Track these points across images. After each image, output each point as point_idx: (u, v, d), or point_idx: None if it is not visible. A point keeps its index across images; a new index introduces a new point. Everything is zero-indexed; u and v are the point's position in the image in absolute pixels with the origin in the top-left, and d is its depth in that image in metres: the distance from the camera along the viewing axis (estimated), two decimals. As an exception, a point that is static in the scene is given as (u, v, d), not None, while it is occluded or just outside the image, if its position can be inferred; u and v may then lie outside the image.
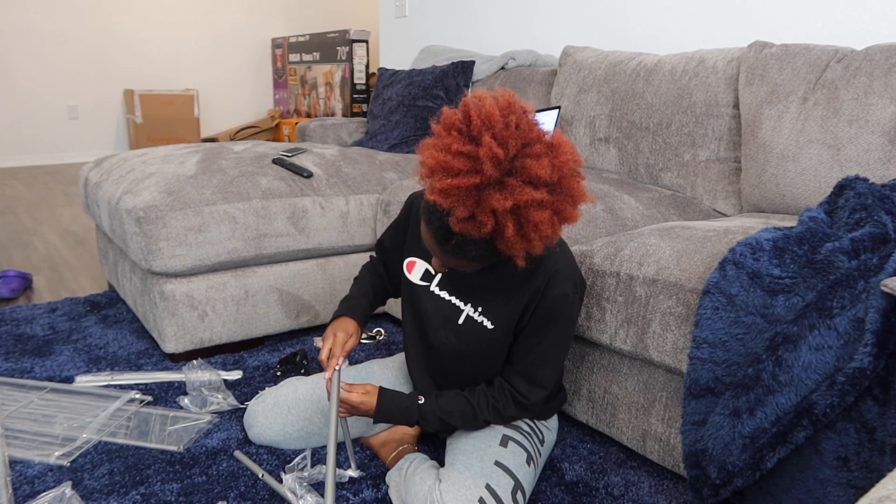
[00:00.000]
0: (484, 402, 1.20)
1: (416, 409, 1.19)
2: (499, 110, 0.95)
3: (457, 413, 1.19)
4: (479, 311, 1.20)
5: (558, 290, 1.13)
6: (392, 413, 1.19)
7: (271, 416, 1.37)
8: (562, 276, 1.14)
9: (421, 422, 1.20)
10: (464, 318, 1.22)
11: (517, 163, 0.93)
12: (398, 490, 1.21)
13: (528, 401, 1.20)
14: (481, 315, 1.20)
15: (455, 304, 1.23)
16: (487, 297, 1.19)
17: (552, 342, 1.17)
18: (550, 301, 1.14)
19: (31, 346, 1.90)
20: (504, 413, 1.20)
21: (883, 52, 1.54)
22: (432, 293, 1.25)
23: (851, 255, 1.07)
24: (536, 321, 1.16)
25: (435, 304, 1.25)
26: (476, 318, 1.20)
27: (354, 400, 1.18)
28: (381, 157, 2.26)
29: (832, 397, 0.92)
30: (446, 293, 1.24)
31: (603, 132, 2.06)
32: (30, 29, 5.38)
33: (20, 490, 1.26)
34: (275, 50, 6.36)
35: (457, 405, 1.19)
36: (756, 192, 1.71)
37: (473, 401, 1.20)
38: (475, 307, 1.21)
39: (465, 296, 1.22)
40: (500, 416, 1.21)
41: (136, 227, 1.70)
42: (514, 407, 1.21)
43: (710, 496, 1.06)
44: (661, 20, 2.33)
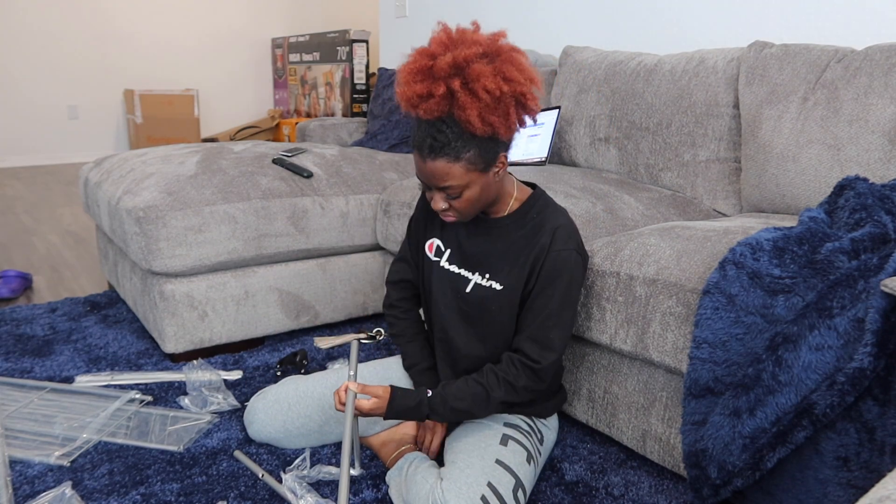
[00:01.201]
0: (494, 380, 1.19)
1: (425, 403, 1.20)
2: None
3: (468, 398, 1.19)
4: (486, 277, 1.24)
5: (561, 245, 1.18)
6: (403, 411, 1.20)
7: (272, 413, 1.38)
8: (564, 231, 1.19)
9: (432, 414, 1.20)
10: (471, 286, 1.26)
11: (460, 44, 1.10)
12: (398, 490, 1.21)
13: (539, 365, 1.19)
14: (489, 280, 1.24)
15: (463, 275, 1.27)
16: (494, 263, 1.24)
17: (559, 302, 1.19)
18: (554, 258, 1.17)
19: (31, 346, 1.90)
20: (516, 384, 1.19)
21: (883, 52, 1.54)
22: (441, 268, 1.30)
23: (851, 255, 1.07)
24: (543, 281, 1.19)
25: (444, 277, 1.29)
26: (483, 283, 1.24)
27: (366, 407, 1.19)
28: (381, 157, 2.26)
29: (832, 397, 0.92)
30: (455, 266, 1.28)
31: (603, 132, 2.06)
32: (30, 29, 5.38)
33: (20, 490, 1.26)
34: (275, 50, 6.36)
35: (467, 390, 1.19)
36: (756, 192, 1.71)
37: (483, 380, 1.20)
38: (482, 274, 1.25)
39: (473, 266, 1.26)
40: (513, 389, 1.19)
41: (136, 227, 1.70)
42: (526, 376, 1.19)
43: (710, 496, 1.06)
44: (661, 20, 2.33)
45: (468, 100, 1.07)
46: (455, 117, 1.09)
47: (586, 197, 1.66)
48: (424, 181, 1.15)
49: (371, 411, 1.19)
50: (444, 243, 1.31)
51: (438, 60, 1.09)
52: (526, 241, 1.21)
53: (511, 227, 1.23)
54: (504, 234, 1.24)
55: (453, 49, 1.09)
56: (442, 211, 1.18)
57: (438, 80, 1.08)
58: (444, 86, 1.07)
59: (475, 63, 1.07)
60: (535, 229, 1.21)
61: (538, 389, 1.22)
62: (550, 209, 1.24)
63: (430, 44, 1.13)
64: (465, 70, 1.08)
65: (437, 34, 1.13)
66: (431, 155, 1.10)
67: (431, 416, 1.20)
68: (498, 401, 1.20)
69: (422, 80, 1.10)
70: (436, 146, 1.10)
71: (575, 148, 2.16)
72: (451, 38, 1.11)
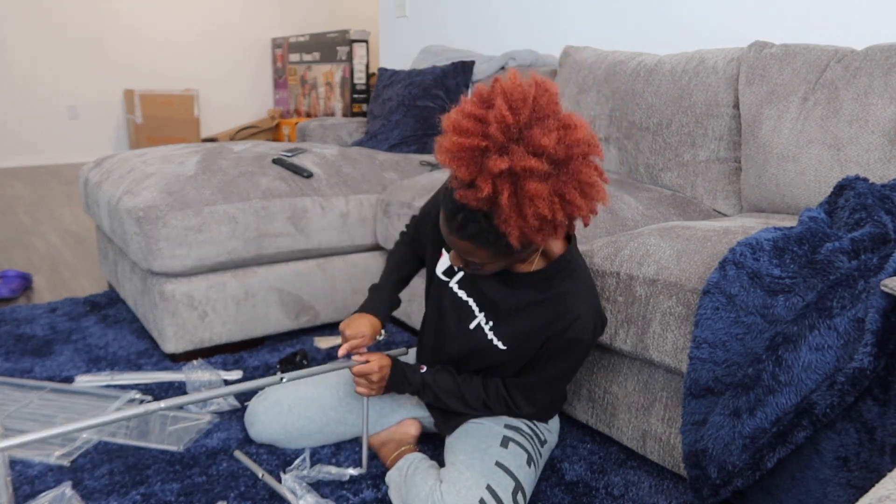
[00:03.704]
0: (474, 396, 1.25)
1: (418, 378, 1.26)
2: (522, 82, 0.95)
3: (450, 394, 1.25)
4: (490, 325, 1.21)
5: (577, 335, 1.13)
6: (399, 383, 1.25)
7: (272, 415, 1.38)
8: (582, 322, 1.12)
9: (420, 392, 1.26)
10: (475, 324, 1.23)
11: (525, 132, 0.92)
12: (398, 490, 1.21)
13: (520, 411, 1.25)
14: (491, 331, 1.21)
15: (470, 307, 1.24)
16: (502, 314, 1.20)
17: (556, 374, 1.20)
18: (566, 342, 1.14)
19: (31, 346, 1.90)
20: (493, 410, 1.26)
21: (883, 52, 1.54)
22: (451, 290, 1.27)
23: (851, 255, 1.07)
24: (547, 353, 1.17)
25: (452, 301, 1.27)
26: (486, 330, 1.22)
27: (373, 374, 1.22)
28: (381, 157, 2.26)
29: (832, 397, 0.92)
30: (464, 293, 1.25)
31: (603, 132, 2.06)
32: (30, 29, 5.38)
33: (20, 490, 1.26)
34: (275, 50, 6.36)
35: (451, 387, 1.25)
36: (756, 192, 1.71)
37: (466, 391, 1.25)
38: (487, 318, 1.22)
39: (481, 304, 1.23)
40: (489, 411, 1.26)
41: (136, 227, 1.70)
42: (504, 410, 1.26)
43: (710, 496, 1.06)
44: (661, 20, 2.33)
45: (512, 216, 0.92)
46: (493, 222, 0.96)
47: (586, 197, 1.66)
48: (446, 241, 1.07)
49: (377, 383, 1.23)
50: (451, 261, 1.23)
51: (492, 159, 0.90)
52: (540, 315, 1.15)
53: (531, 287, 1.16)
54: (521, 290, 1.17)
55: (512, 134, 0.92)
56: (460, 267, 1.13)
57: (487, 175, 0.91)
58: (491, 187, 0.91)
59: (531, 181, 0.90)
60: (553, 306, 1.13)
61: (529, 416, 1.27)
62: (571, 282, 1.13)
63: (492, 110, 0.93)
64: (519, 181, 0.91)
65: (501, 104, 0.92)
66: (458, 233, 1.00)
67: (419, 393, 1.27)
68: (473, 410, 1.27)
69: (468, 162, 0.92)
70: (464, 230, 0.99)
71: (575, 148, 2.15)
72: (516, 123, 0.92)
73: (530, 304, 1.17)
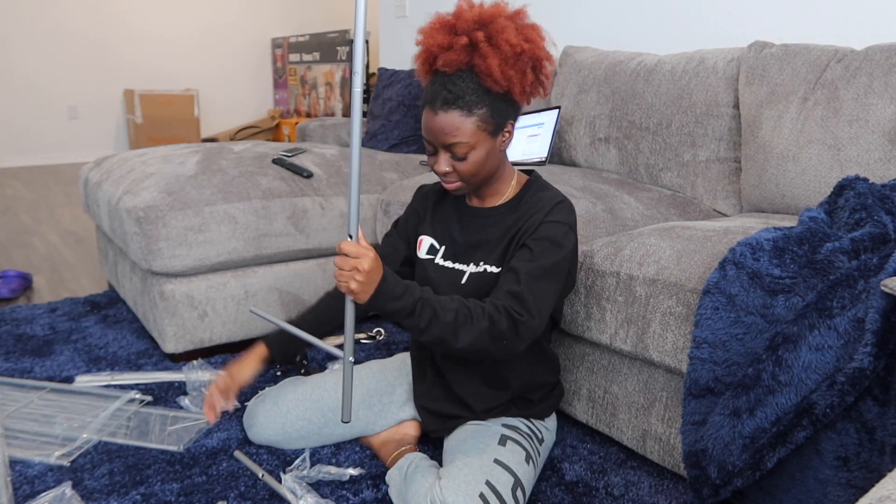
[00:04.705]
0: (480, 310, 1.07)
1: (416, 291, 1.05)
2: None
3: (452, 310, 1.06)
4: (480, 264, 1.23)
5: (555, 217, 1.16)
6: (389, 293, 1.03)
7: (271, 417, 1.37)
8: (561, 207, 1.18)
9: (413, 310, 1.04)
10: (466, 277, 1.24)
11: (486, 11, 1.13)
12: (398, 489, 1.21)
13: (521, 318, 1.08)
14: (483, 265, 1.23)
15: (458, 269, 1.26)
16: (488, 250, 1.23)
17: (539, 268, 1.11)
18: (546, 227, 1.15)
19: (31, 346, 1.90)
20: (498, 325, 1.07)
21: (883, 52, 1.54)
22: (436, 265, 1.28)
23: (851, 255, 1.07)
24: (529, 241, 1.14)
25: (440, 273, 1.27)
26: (478, 270, 1.23)
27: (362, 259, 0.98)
28: (381, 157, 2.26)
29: (832, 397, 0.92)
30: (450, 262, 1.27)
31: (603, 132, 2.06)
32: (30, 29, 5.38)
33: (20, 490, 1.26)
34: (275, 50, 6.36)
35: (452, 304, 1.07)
36: (756, 192, 1.71)
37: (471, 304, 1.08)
38: (476, 263, 1.24)
39: (467, 258, 1.25)
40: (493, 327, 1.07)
41: (136, 227, 1.70)
42: (507, 323, 1.07)
43: (710, 496, 1.06)
44: (661, 20, 2.33)
45: (489, 50, 1.09)
46: (475, 69, 1.10)
47: (586, 197, 1.66)
48: (432, 139, 1.13)
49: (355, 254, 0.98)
50: (438, 241, 1.30)
51: (463, 13, 1.12)
52: (521, 222, 1.20)
53: (506, 213, 1.23)
54: (498, 221, 1.23)
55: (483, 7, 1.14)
56: (444, 175, 1.16)
57: (461, 33, 1.11)
58: (467, 37, 1.09)
59: (499, 19, 1.11)
60: (531, 209, 1.19)
61: (512, 348, 1.10)
62: (546, 191, 1.22)
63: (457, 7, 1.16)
64: (488, 24, 1.11)
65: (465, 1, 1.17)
66: (444, 106, 1.10)
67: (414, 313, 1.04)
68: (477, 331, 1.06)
69: (444, 32, 1.12)
70: (450, 98, 1.09)
71: (575, 148, 2.15)
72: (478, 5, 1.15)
73: (510, 225, 1.21)
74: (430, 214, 1.33)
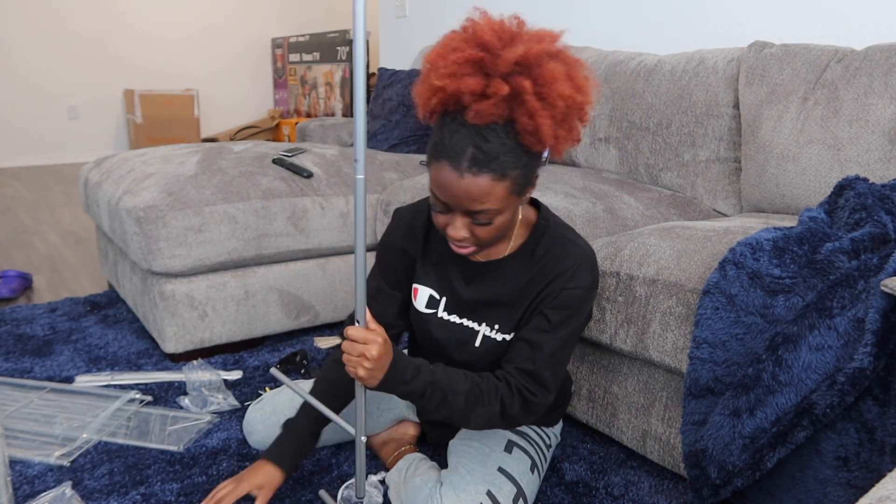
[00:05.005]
0: (493, 390, 1.04)
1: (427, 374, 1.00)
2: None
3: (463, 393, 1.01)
4: (495, 329, 1.11)
5: (576, 283, 1.04)
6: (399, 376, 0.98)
7: (269, 425, 1.36)
8: (582, 270, 1.05)
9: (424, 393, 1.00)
10: (480, 339, 1.13)
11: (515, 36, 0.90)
12: (398, 491, 1.21)
13: (535, 398, 1.05)
14: (498, 332, 1.11)
15: (469, 327, 1.14)
16: (500, 311, 1.11)
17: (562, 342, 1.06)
18: (565, 295, 1.04)
19: (31, 346, 1.90)
20: (509, 408, 1.04)
21: (883, 52, 1.54)
22: (441, 319, 1.16)
23: (851, 255, 1.07)
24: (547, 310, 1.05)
25: (446, 330, 1.15)
26: (496, 336, 1.12)
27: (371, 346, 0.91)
28: (381, 157, 2.26)
29: (832, 397, 0.92)
30: (456, 316, 1.14)
31: (603, 132, 2.06)
32: (30, 29, 5.38)
33: (20, 490, 1.26)
34: (275, 50, 6.36)
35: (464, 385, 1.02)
36: (756, 192, 1.71)
37: (483, 386, 1.03)
38: (490, 325, 1.12)
39: (477, 315, 1.12)
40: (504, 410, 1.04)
41: (136, 227, 1.70)
42: (519, 405, 1.05)
43: (710, 496, 1.06)
44: (661, 20, 2.33)
45: (539, 106, 0.88)
46: (517, 126, 0.90)
47: (586, 197, 1.66)
48: (450, 201, 0.94)
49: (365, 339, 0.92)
50: (438, 291, 1.15)
51: (503, 53, 0.87)
52: (537, 285, 1.07)
53: (518, 268, 1.08)
54: (508, 277, 1.09)
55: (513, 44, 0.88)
56: (460, 241, 0.99)
57: (497, 75, 0.88)
58: (509, 86, 0.87)
59: (548, 63, 0.88)
60: (546, 271, 1.06)
61: (523, 423, 1.09)
62: (560, 241, 1.08)
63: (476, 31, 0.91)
64: (535, 70, 0.88)
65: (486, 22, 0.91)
66: (474, 168, 0.90)
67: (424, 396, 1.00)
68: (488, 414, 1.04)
69: (475, 72, 0.88)
70: (480, 159, 0.89)
71: (575, 148, 2.15)
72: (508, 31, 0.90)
73: (525, 285, 1.08)
74: (421, 257, 1.16)
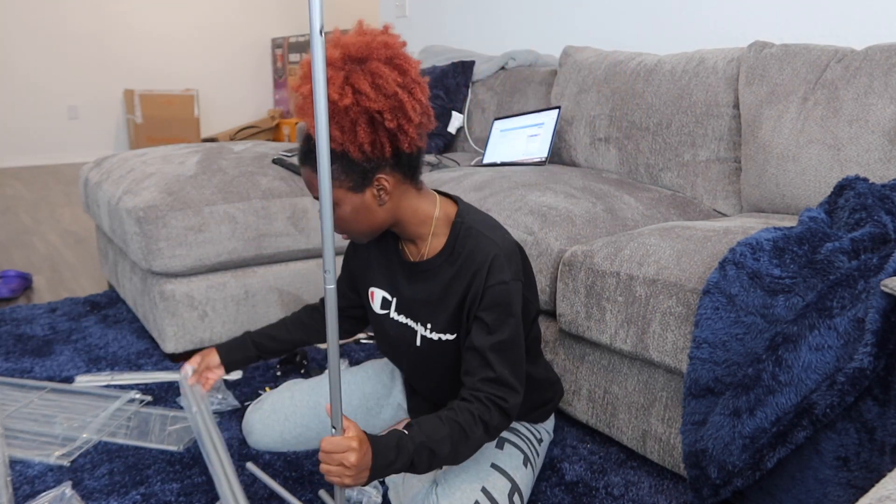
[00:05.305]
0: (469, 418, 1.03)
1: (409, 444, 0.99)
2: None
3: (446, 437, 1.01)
4: (429, 328, 1.15)
5: (496, 279, 1.05)
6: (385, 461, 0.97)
7: (269, 424, 1.37)
8: (497, 263, 1.06)
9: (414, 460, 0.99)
10: (419, 339, 1.17)
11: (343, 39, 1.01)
12: (397, 491, 1.21)
13: (507, 404, 1.05)
14: (433, 331, 1.14)
15: (410, 326, 1.18)
16: (434, 312, 1.13)
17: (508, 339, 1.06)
18: (491, 294, 1.06)
19: (31, 346, 1.90)
20: (490, 423, 1.04)
21: (883, 52, 1.54)
22: (392, 319, 1.21)
23: (851, 255, 1.07)
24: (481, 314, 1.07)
25: (397, 329, 1.21)
26: (431, 336, 1.15)
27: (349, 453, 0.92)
28: (381, 157, 2.25)
29: (832, 397, 0.92)
30: (403, 316, 1.19)
31: (603, 132, 2.06)
32: (30, 29, 5.38)
33: (20, 490, 1.26)
34: (275, 50, 6.36)
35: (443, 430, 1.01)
36: (756, 192, 1.71)
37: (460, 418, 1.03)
38: (425, 324, 1.15)
39: (416, 316, 1.17)
40: (487, 428, 1.04)
41: (136, 227, 1.70)
42: (498, 413, 1.04)
43: (710, 496, 1.06)
44: (661, 20, 2.33)
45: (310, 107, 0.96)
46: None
47: (586, 197, 1.66)
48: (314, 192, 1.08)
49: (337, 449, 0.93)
50: (389, 293, 1.21)
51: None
52: (460, 283, 1.09)
53: (442, 267, 1.12)
54: (436, 277, 1.13)
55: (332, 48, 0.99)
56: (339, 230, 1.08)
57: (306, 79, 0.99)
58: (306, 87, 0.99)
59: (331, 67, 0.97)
60: (467, 267, 1.08)
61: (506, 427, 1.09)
62: (475, 236, 1.09)
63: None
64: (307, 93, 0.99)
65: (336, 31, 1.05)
66: (302, 160, 1.06)
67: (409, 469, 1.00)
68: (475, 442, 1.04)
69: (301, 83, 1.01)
70: (303, 152, 1.06)
71: (575, 148, 2.15)
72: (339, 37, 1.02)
73: (449, 283, 1.11)
74: (374, 263, 1.24)
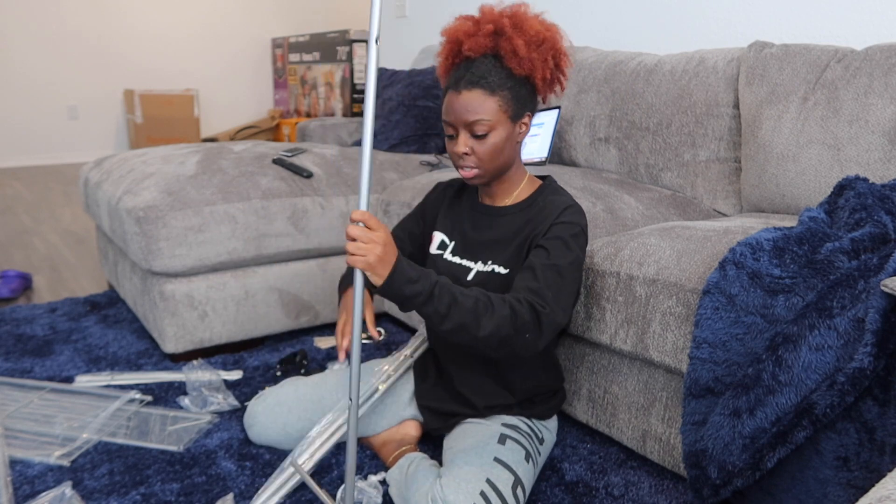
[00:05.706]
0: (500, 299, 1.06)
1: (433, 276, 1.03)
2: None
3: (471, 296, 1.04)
4: (488, 263, 1.24)
5: (567, 219, 1.18)
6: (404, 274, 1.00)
7: (272, 416, 1.37)
8: (572, 210, 1.20)
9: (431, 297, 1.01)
10: (472, 274, 1.25)
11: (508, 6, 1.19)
12: (399, 488, 1.21)
13: (545, 310, 1.06)
14: (490, 264, 1.24)
15: (465, 265, 1.27)
16: (497, 250, 1.24)
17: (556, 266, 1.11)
18: (558, 227, 1.17)
19: (31, 346, 1.90)
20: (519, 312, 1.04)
21: (883, 52, 1.54)
22: (445, 260, 1.30)
23: (851, 255, 1.07)
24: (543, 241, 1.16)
25: (448, 268, 1.28)
26: (486, 269, 1.24)
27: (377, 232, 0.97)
28: (381, 157, 2.26)
29: (832, 397, 0.92)
30: (458, 258, 1.29)
31: (603, 132, 2.06)
32: (30, 29, 5.38)
33: (20, 490, 1.26)
34: (275, 50, 6.36)
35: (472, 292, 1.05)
36: (756, 192, 1.71)
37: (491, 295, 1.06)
38: (485, 262, 1.24)
39: (475, 255, 1.26)
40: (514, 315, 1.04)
41: (136, 227, 1.70)
42: (529, 314, 1.05)
43: (710, 496, 1.06)
44: (661, 20, 2.33)
45: (515, 33, 1.14)
46: (499, 53, 1.14)
47: (586, 197, 1.66)
48: (453, 119, 1.15)
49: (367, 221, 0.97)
50: (449, 236, 1.32)
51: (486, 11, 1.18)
52: (531, 226, 1.21)
53: (518, 215, 1.24)
54: (510, 222, 1.24)
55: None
56: (462, 157, 1.16)
57: (487, 22, 1.16)
58: (493, 24, 1.15)
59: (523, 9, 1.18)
60: (542, 214, 1.21)
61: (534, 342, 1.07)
62: (559, 195, 1.24)
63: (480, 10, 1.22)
64: (512, 15, 1.17)
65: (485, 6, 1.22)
66: (469, 86, 1.13)
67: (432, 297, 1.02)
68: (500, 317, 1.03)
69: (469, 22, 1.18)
70: (473, 78, 1.13)
71: (575, 148, 2.15)
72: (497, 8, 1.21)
73: (521, 227, 1.22)
74: (444, 209, 1.36)
